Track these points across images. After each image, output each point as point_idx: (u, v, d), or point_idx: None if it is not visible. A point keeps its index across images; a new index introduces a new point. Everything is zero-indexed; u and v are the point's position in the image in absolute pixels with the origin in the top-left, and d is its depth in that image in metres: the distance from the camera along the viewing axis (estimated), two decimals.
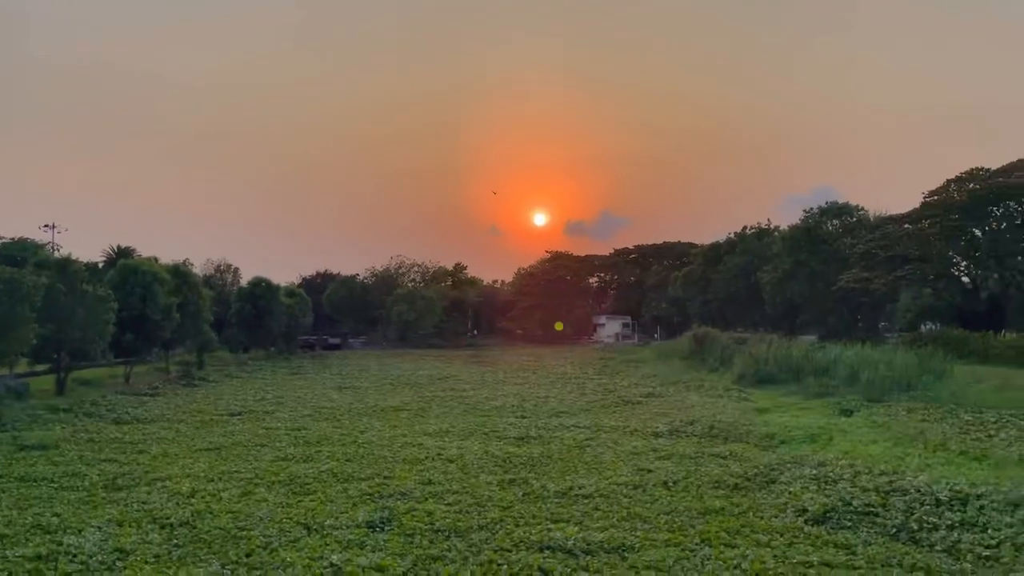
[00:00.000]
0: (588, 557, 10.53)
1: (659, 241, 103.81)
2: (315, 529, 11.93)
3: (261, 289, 59.20)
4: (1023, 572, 9.56)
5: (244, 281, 69.83)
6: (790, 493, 13.86)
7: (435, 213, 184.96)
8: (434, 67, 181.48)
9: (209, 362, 48.80)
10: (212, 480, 15.65)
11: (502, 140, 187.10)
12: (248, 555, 10.70)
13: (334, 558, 10.33)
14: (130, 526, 12.16)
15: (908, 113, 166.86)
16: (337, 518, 12.46)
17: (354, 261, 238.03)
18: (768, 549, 10.70)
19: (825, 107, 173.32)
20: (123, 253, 56.07)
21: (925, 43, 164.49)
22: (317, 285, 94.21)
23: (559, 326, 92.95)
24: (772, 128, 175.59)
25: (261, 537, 11.45)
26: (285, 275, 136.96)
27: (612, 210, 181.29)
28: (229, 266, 77.72)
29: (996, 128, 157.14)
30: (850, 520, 12.07)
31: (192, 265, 53.94)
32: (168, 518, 12.52)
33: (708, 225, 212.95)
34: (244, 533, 11.68)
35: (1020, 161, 46.82)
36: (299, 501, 13.80)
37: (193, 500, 13.85)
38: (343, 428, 23.09)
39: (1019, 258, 45.62)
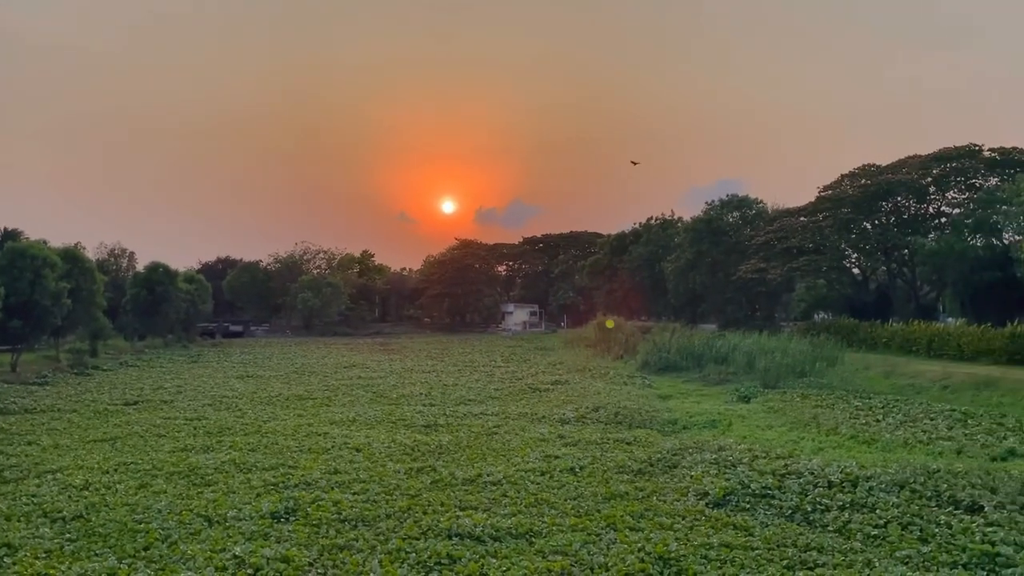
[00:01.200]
0: (496, 543, 10.61)
1: (568, 230, 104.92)
2: (217, 521, 11.64)
3: (158, 275, 57.38)
4: (909, 550, 10.08)
5: (140, 266, 67.54)
6: (691, 477, 14.29)
7: (342, 198, 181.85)
8: (339, 49, 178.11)
9: (103, 350, 46.92)
10: (107, 472, 15.11)
11: (413, 126, 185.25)
12: (146, 548, 10.38)
13: (237, 550, 10.09)
14: (19, 520, 11.67)
15: (806, 111, 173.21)
16: (240, 509, 12.17)
17: (257, 247, 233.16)
18: (671, 532, 10.99)
19: (729, 103, 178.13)
20: (10, 235, 53.22)
21: (825, 45, 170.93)
22: (218, 271, 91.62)
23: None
24: (679, 121, 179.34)
25: (160, 530, 11.11)
26: (184, 260, 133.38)
27: (524, 199, 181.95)
28: (124, 250, 74.74)
29: (886, 127, 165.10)
30: (748, 502, 12.52)
31: (84, 249, 51.69)
32: (60, 512, 12.05)
33: (616, 215, 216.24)
34: (141, 526, 11.31)
35: (908, 158, 49.18)
36: (199, 493, 13.44)
37: (87, 493, 13.35)
38: (245, 418, 22.56)
39: (905, 251, 47.96)
